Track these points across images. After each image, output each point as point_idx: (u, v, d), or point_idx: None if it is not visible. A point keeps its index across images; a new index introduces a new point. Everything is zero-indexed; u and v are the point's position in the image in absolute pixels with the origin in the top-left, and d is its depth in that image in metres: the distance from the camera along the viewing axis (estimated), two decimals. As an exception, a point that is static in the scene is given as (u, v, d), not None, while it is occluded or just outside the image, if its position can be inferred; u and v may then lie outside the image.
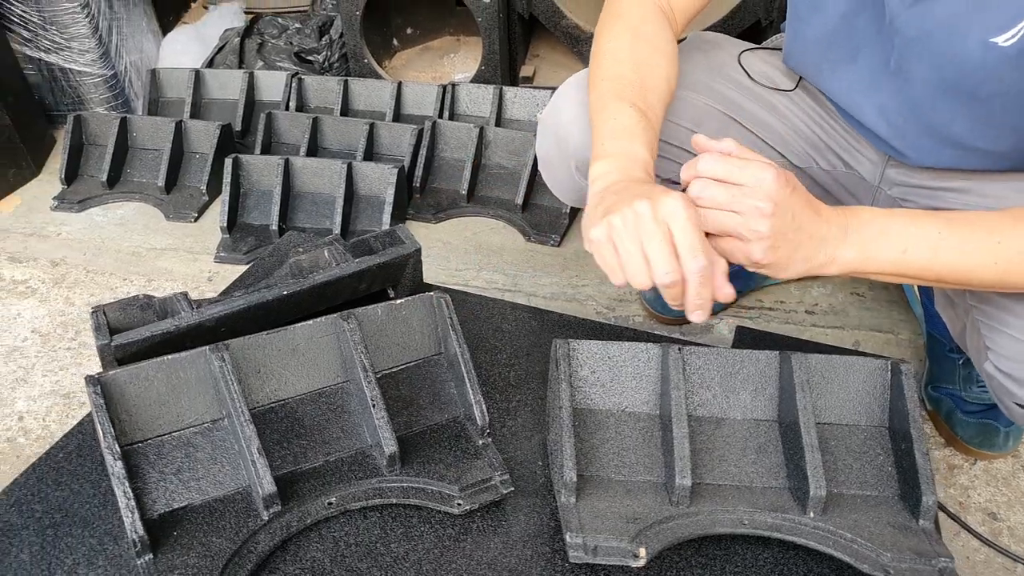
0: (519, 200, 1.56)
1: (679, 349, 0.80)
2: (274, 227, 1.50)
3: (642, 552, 0.68)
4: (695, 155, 0.96)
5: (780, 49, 1.03)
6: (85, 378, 0.69)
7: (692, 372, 0.81)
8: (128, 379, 0.70)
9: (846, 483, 0.77)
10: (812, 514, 0.73)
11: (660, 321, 1.37)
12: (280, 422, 0.76)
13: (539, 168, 1.06)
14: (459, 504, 0.74)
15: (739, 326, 1.00)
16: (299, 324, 0.77)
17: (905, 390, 0.78)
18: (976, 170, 0.87)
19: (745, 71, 1.00)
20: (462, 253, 1.53)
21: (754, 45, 1.04)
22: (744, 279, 1.35)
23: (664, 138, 0.94)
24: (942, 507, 1.13)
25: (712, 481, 0.77)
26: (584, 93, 0.96)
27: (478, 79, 1.83)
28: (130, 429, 0.70)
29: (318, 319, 0.77)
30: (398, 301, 0.82)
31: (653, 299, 1.36)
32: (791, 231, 0.66)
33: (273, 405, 0.76)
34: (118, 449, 0.66)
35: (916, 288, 1.30)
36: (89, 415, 0.83)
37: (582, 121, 0.94)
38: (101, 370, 0.71)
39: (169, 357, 0.72)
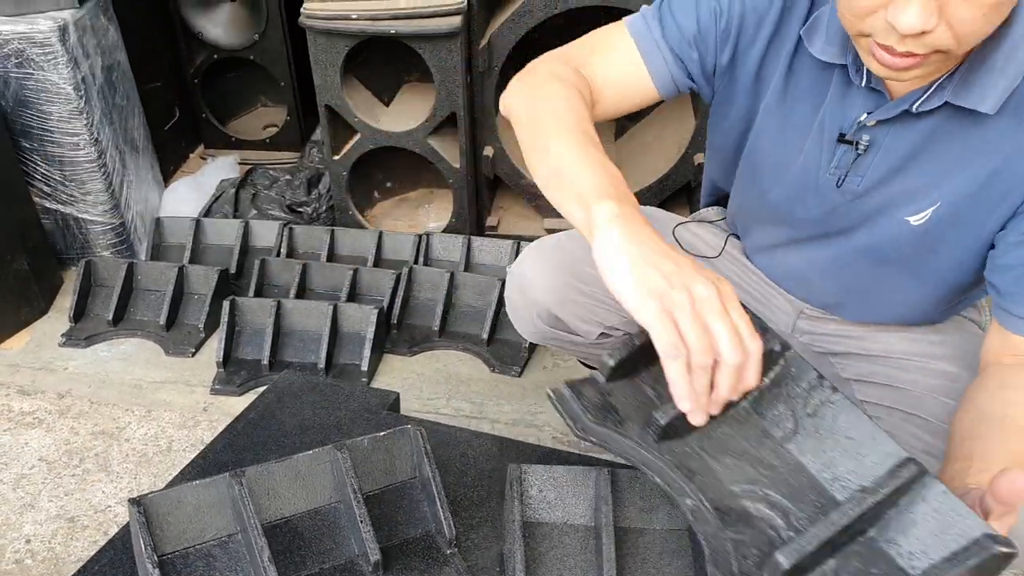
0: (484, 335, 1.78)
1: (609, 472, 0.99)
2: (265, 362, 1.69)
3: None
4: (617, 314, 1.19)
5: (708, 221, 1.28)
6: (129, 501, 0.85)
7: (620, 490, 1.00)
8: (162, 500, 0.87)
9: None
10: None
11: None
12: (284, 536, 0.92)
13: (506, 309, 1.29)
14: None
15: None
16: (302, 454, 0.95)
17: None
18: (872, 323, 1.12)
19: (678, 242, 1.25)
20: (433, 383, 1.72)
21: (685, 219, 1.29)
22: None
23: (599, 290, 1.16)
24: None
25: (639, 583, 0.95)
26: (545, 253, 1.18)
27: (449, 229, 2.09)
28: (160, 542, 0.87)
29: (316, 450, 0.96)
30: (382, 434, 1.01)
31: (600, 425, 1.56)
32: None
33: (279, 521, 0.93)
34: (156, 558, 0.82)
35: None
36: (119, 533, 0.99)
37: (542, 279, 1.17)
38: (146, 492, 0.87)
39: (199, 482, 0.89)
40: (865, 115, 0.91)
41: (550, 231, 2.15)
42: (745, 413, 0.79)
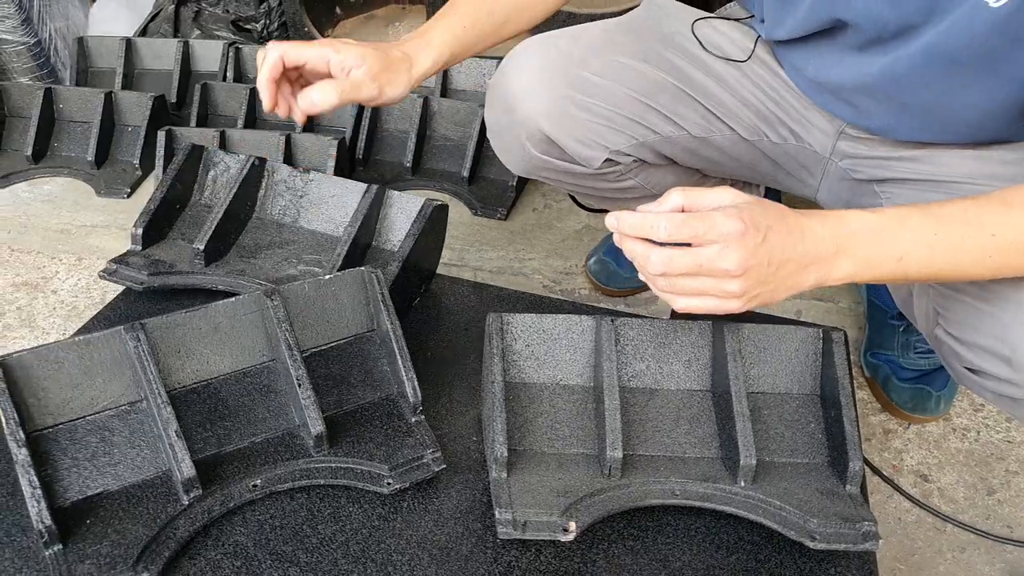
0: (465, 173, 1.54)
1: (612, 321, 0.79)
2: (210, 202, 1.45)
3: (572, 526, 0.68)
4: (644, 126, 0.94)
5: (734, 19, 1.01)
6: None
7: (626, 344, 0.81)
8: (36, 361, 0.67)
9: (778, 451, 0.78)
10: (743, 483, 0.73)
11: (605, 293, 1.37)
12: (202, 404, 0.73)
13: (488, 136, 1.04)
14: (389, 483, 0.73)
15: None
16: (220, 302, 0.74)
17: (836, 358, 0.79)
18: (931, 143, 0.88)
19: (698, 40, 0.98)
20: (406, 227, 1.50)
21: (707, 14, 1.03)
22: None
23: (605, 103, 0.92)
24: (877, 471, 1.16)
25: (645, 452, 0.77)
26: (533, 59, 0.93)
27: (423, 49, 1.78)
28: (38, 414, 0.67)
29: (240, 296, 0.74)
30: (326, 277, 0.79)
31: (598, 271, 1.35)
32: (770, 275, 0.64)
33: (195, 386, 0.73)
34: (22, 436, 0.63)
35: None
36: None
37: (533, 90, 0.92)
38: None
39: (82, 337, 0.68)
40: None
41: (542, 53, 1.85)
42: (258, 221, 1.05)
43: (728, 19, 1.02)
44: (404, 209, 0.98)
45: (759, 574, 0.70)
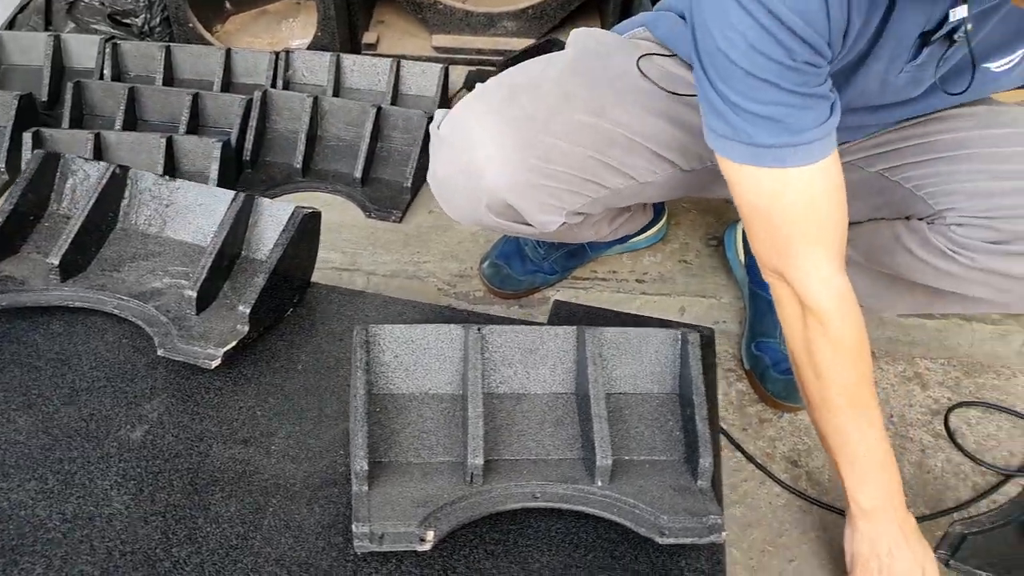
0: (358, 174, 1.52)
1: (479, 329, 0.80)
2: (86, 208, 1.39)
3: (429, 535, 0.69)
4: (597, 183, 0.96)
5: (671, 54, 1.01)
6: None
7: (494, 351, 0.82)
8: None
9: (637, 450, 0.81)
10: (600, 483, 0.76)
11: (500, 296, 1.38)
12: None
13: (432, 187, 1.00)
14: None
15: (556, 300, 1.02)
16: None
17: (691, 358, 0.82)
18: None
19: (647, 78, 0.98)
20: (296, 231, 1.47)
21: (645, 50, 1.01)
22: (578, 255, 1.38)
23: (566, 168, 0.92)
24: (751, 458, 1.21)
25: (510, 457, 0.79)
26: (498, 124, 0.89)
27: (315, 46, 1.75)
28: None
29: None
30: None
31: (492, 274, 1.37)
32: None
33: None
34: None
35: (740, 252, 1.38)
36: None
37: (500, 162, 0.89)
38: None
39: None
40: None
41: (440, 50, 1.84)
42: (122, 232, 1.02)
43: (665, 55, 1.01)
44: (274, 217, 0.96)
45: (614, 570, 0.72)
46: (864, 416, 0.84)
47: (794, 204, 0.77)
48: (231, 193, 0.96)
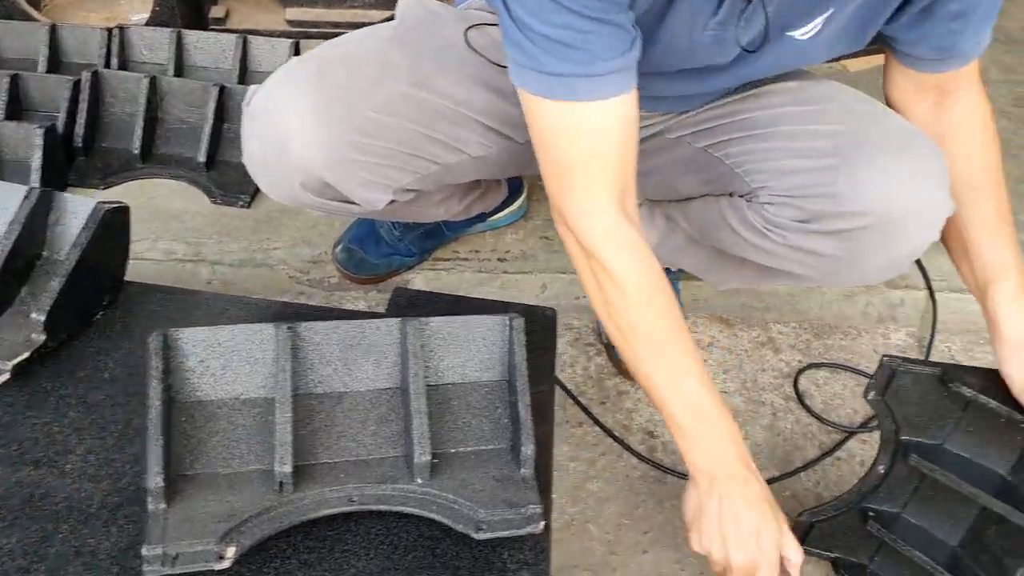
0: (202, 158, 1.43)
1: (288, 328, 0.76)
2: None
3: (229, 552, 0.65)
4: (426, 159, 0.92)
5: (489, 12, 0.96)
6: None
7: (310, 350, 0.78)
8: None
9: (464, 441, 0.79)
10: (420, 480, 0.74)
11: (355, 281, 1.33)
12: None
13: (245, 161, 0.93)
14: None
15: (396, 288, 0.98)
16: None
17: (515, 344, 0.80)
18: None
19: (474, 49, 0.93)
20: (136, 222, 1.36)
21: (477, 19, 0.96)
22: (436, 236, 1.35)
23: (388, 143, 0.88)
24: (608, 432, 1.22)
25: (329, 459, 0.76)
26: (308, 95, 0.83)
27: (155, 21, 1.63)
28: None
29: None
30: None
31: (346, 260, 1.31)
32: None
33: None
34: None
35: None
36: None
37: (310, 135, 0.83)
38: None
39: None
40: None
41: (294, 23, 1.75)
42: None
43: (493, 25, 0.97)
44: (76, 214, 0.88)
45: (434, 569, 0.70)
46: (677, 367, 0.80)
47: (580, 141, 0.75)
48: (22, 188, 0.87)
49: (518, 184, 1.41)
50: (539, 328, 0.97)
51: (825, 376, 1.33)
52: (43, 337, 0.82)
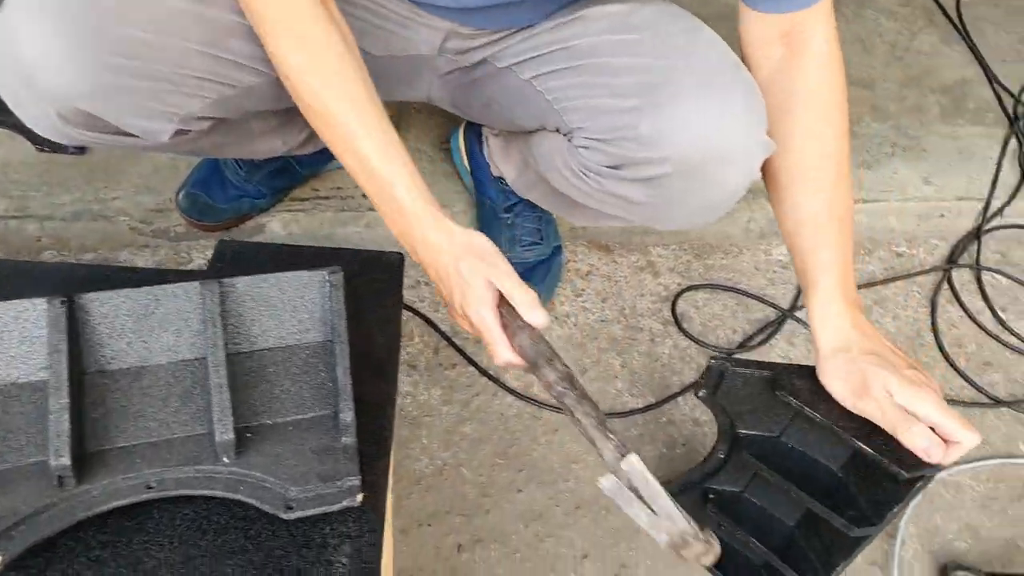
0: (21, 99, 1.27)
1: (63, 302, 0.67)
2: None
3: (-6, 561, 0.58)
4: (217, 82, 0.83)
5: None
6: None
7: (98, 323, 0.69)
8: None
9: (282, 411, 0.73)
10: (226, 459, 0.68)
11: (203, 229, 1.23)
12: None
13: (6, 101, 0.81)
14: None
15: (221, 240, 0.89)
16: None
17: (332, 300, 0.74)
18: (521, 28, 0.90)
19: None
20: (-54, 177, 1.23)
21: None
22: (287, 173, 1.24)
23: (164, 66, 0.76)
24: (483, 371, 1.18)
25: (125, 443, 0.68)
26: (47, 15, 0.71)
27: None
28: None
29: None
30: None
31: (189, 206, 1.20)
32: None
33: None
34: None
35: (465, 160, 1.29)
36: None
37: (55, 63, 0.72)
38: None
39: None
40: None
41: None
42: None
43: None
44: None
45: (247, 552, 0.65)
46: (352, 135, 0.75)
47: None
48: None
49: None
50: (383, 276, 0.91)
51: (704, 297, 1.31)
52: None
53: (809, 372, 0.82)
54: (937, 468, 0.72)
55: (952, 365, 1.26)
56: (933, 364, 1.26)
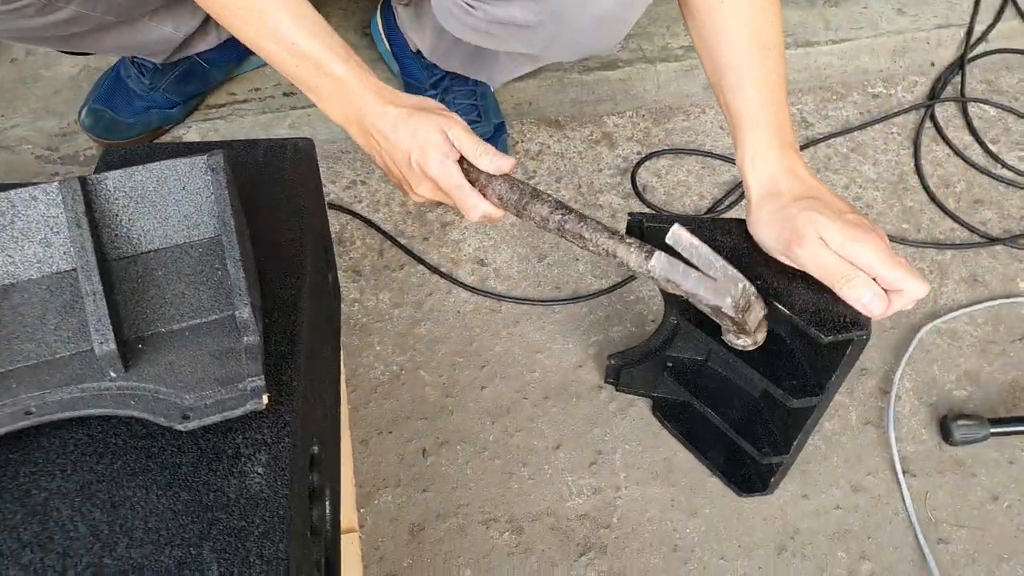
0: None
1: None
2: None
3: None
4: None
5: None
6: None
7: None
8: None
9: (176, 317, 0.65)
10: (113, 373, 0.60)
11: (113, 146, 1.13)
12: None
13: None
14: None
15: (105, 148, 0.79)
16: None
17: (215, 189, 0.65)
18: None
19: None
20: None
21: None
22: (196, 78, 1.13)
23: None
24: (433, 269, 1.10)
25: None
26: None
27: None
28: None
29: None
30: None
31: (93, 124, 1.09)
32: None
33: None
34: None
35: (386, 42, 1.17)
36: None
37: None
38: None
39: None
40: None
41: None
42: None
43: None
44: None
45: (150, 472, 0.59)
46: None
47: None
48: None
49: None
50: (291, 164, 0.81)
51: (667, 164, 1.22)
52: None
53: (738, 225, 0.73)
54: (865, 330, 0.64)
55: (940, 207, 1.17)
56: (920, 208, 1.18)
